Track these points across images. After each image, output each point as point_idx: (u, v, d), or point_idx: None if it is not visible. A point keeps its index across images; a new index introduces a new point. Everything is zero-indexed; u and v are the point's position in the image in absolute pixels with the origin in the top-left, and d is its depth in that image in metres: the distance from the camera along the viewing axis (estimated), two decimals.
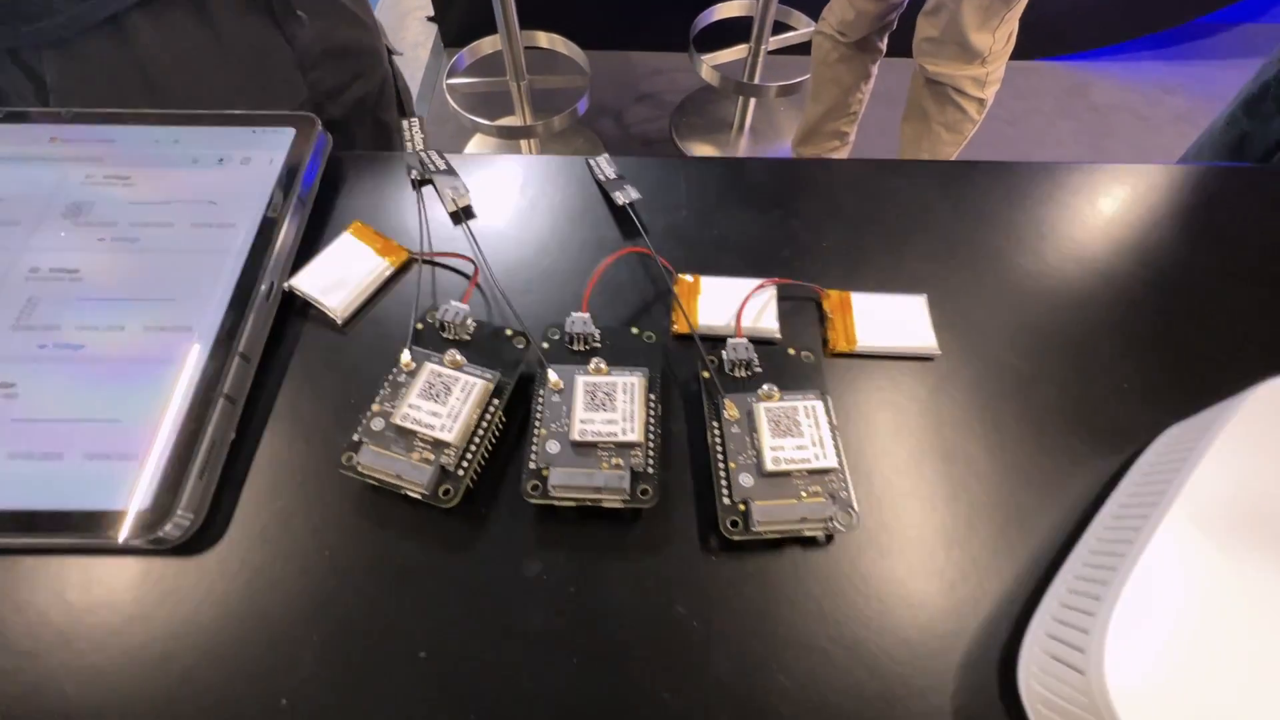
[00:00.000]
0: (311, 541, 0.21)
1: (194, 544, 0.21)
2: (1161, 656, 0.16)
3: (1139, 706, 0.15)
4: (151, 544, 0.20)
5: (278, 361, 0.25)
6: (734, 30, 1.52)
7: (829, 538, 0.21)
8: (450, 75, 1.41)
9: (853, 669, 0.19)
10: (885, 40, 1.08)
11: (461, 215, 0.29)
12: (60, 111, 0.29)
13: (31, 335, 0.23)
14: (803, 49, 1.51)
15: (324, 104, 0.43)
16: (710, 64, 1.49)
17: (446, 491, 0.20)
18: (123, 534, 0.20)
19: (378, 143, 0.49)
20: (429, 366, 0.22)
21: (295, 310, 0.26)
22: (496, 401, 0.22)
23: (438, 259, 0.27)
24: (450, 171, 0.29)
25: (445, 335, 0.24)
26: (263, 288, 0.25)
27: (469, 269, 0.27)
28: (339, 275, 0.26)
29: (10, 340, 0.23)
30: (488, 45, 1.46)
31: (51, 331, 0.23)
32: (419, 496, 0.20)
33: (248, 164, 0.28)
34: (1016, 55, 0.96)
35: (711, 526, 0.21)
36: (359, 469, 0.21)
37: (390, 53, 0.49)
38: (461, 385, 0.22)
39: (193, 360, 0.23)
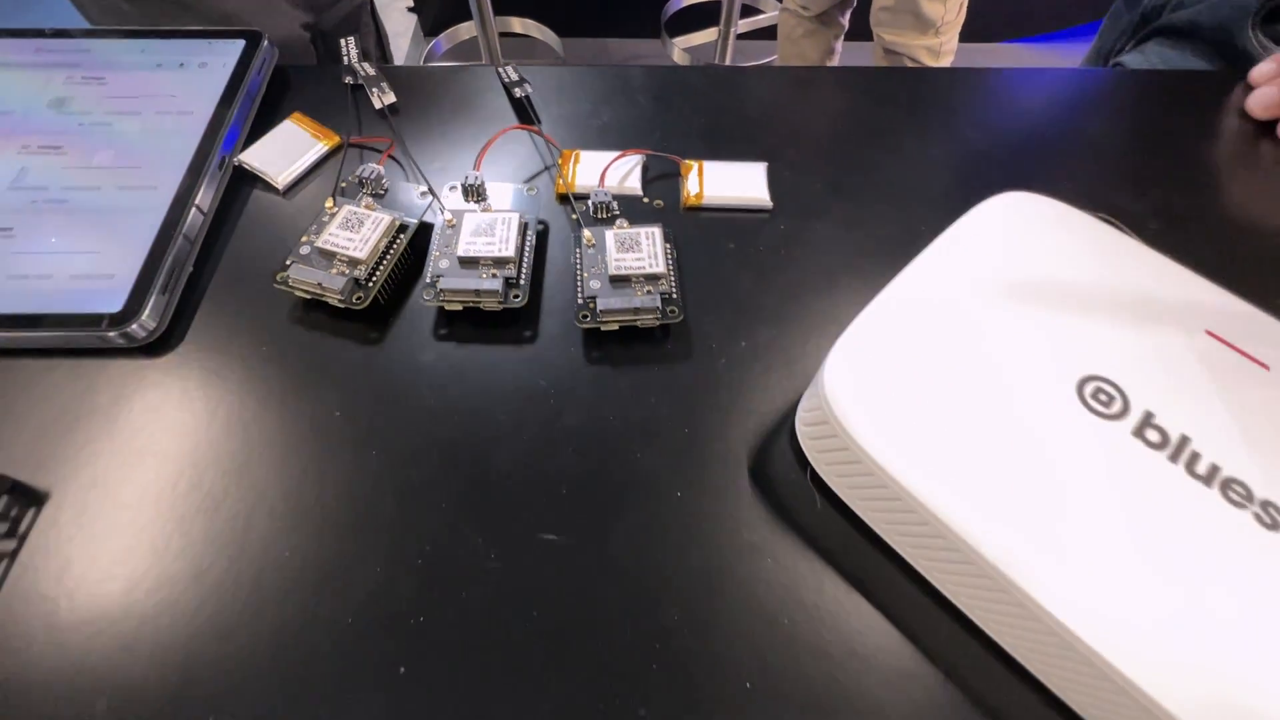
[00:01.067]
0: (252, 346, 0.26)
1: (158, 347, 0.26)
2: (871, 368, 0.21)
3: (850, 404, 0.21)
4: (123, 338, 0.25)
5: (230, 216, 0.30)
6: (703, 15, 1.58)
7: (665, 331, 0.27)
8: (428, 60, 1.46)
9: (675, 422, 0.25)
10: (847, 17, 1.13)
11: (387, 112, 0.34)
12: (43, 30, 0.34)
13: (25, 194, 0.29)
14: (770, 32, 1.57)
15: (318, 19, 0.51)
16: (681, 48, 1.54)
17: (358, 298, 0.26)
18: (101, 328, 0.25)
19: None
20: (347, 207, 0.28)
21: (245, 182, 0.31)
22: (402, 236, 0.28)
23: (364, 142, 0.33)
24: (379, 78, 0.35)
25: (365, 190, 0.29)
26: (215, 159, 0.30)
27: (382, 148, 0.32)
28: (280, 153, 0.31)
29: (7, 197, 0.28)
30: (465, 31, 1.51)
31: (41, 191, 0.29)
32: (337, 302, 0.26)
33: (204, 68, 0.33)
34: (980, 38, 1.02)
35: (572, 328, 0.27)
36: (290, 282, 0.26)
37: None
38: (372, 220, 0.27)
39: (157, 208, 0.28)
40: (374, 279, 0.26)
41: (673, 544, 0.22)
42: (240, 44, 0.34)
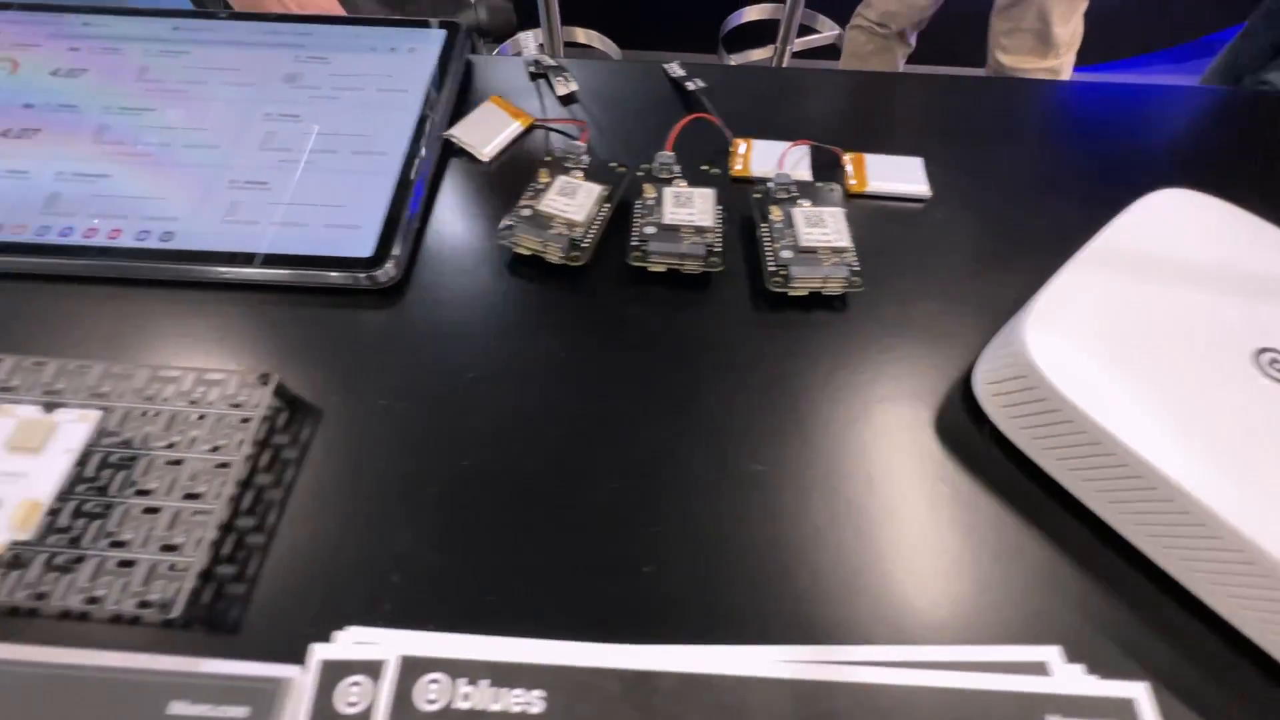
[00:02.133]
0: (472, 293, 0.30)
1: (394, 291, 0.30)
2: (1066, 333, 0.24)
3: (1053, 362, 0.23)
4: (370, 280, 0.29)
5: (444, 184, 0.34)
6: (761, 32, 1.62)
7: (843, 301, 0.30)
8: None
9: (857, 386, 0.28)
10: (915, 37, 1.15)
11: (569, 98, 0.38)
12: (268, 14, 0.39)
13: (273, 154, 0.33)
14: (825, 52, 1.60)
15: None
16: (737, 63, 1.58)
17: (575, 256, 0.29)
18: (357, 270, 0.29)
19: None
20: (562, 177, 0.31)
21: (450, 153, 0.35)
22: (608, 205, 0.31)
23: (553, 123, 0.36)
24: (560, 68, 0.38)
25: (567, 165, 0.33)
26: (431, 132, 0.34)
27: (573, 130, 0.36)
28: (484, 129, 0.35)
29: (259, 157, 0.32)
30: (530, 39, 1.57)
31: (286, 152, 0.33)
32: (557, 259, 0.29)
33: (413, 53, 0.37)
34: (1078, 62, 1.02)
35: (759, 293, 0.30)
36: (514, 239, 0.30)
37: None
38: (585, 189, 0.31)
39: (389, 171, 0.32)
40: (587, 240, 0.30)
41: (860, 482, 0.25)
42: (442, 33, 0.38)
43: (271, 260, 0.29)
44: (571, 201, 0.30)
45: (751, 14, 1.68)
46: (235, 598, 0.22)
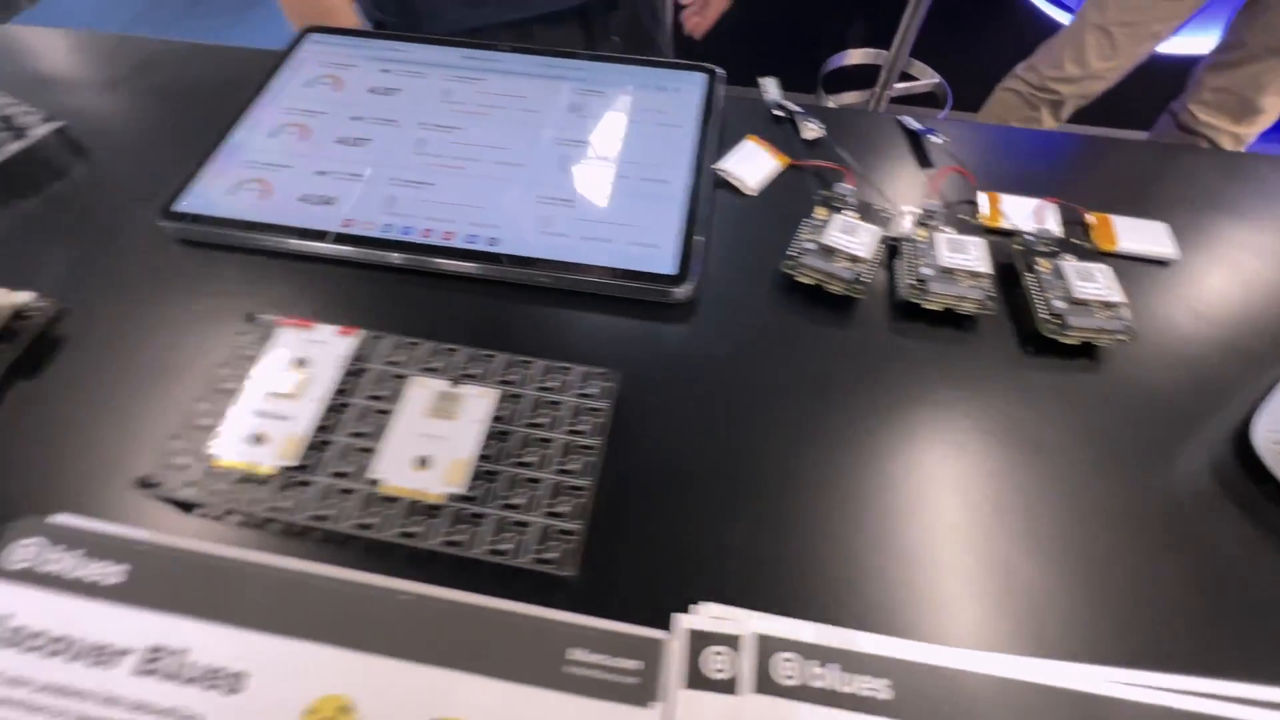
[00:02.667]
0: (751, 313, 0.33)
1: (685, 307, 0.33)
2: None
3: None
4: (671, 296, 0.32)
5: (715, 213, 0.37)
6: (858, 76, 1.65)
7: (1108, 352, 0.32)
8: None
9: (1120, 430, 0.29)
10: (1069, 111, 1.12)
11: (815, 142, 0.41)
12: (542, 49, 0.43)
13: (570, 176, 0.37)
14: (923, 99, 1.62)
15: None
16: (835, 104, 1.61)
17: (858, 289, 0.32)
18: (662, 285, 0.32)
19: None
20: (838, 216, 0.34)
21: (717, 186, 0.39)
22: (883, 244, 0.34)
23: (815, 165, 0.39)
24: (806, 114, 0.42)
25: (837, 204, 0.36)
26: (705, 165, 0.37)
27: (833, 173, 0.39)
28: (747, 165, 0.38)
29: (559, 177, 0.37)
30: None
31: (583, 174, 0.37)
32: (839, 291, 0.32)
33: (679, 92, 0.41)
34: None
35: (1027, 338, 0.32)
36: (799, 268, 0.33)
37: None
38: (864, 228, 0.34)
39: (676, 198, 0.36)
40: (868, 275, 0.33)
41: (1131, 516, 0.27)
42: (703, 76, 0.42)
43: (584, 269, 0.33)
44: (854, 239, 0.33)
45: (855, 57, 1.71)
46: (606, 565, 0.25)
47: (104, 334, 0.32)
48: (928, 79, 1.64)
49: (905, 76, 1.67)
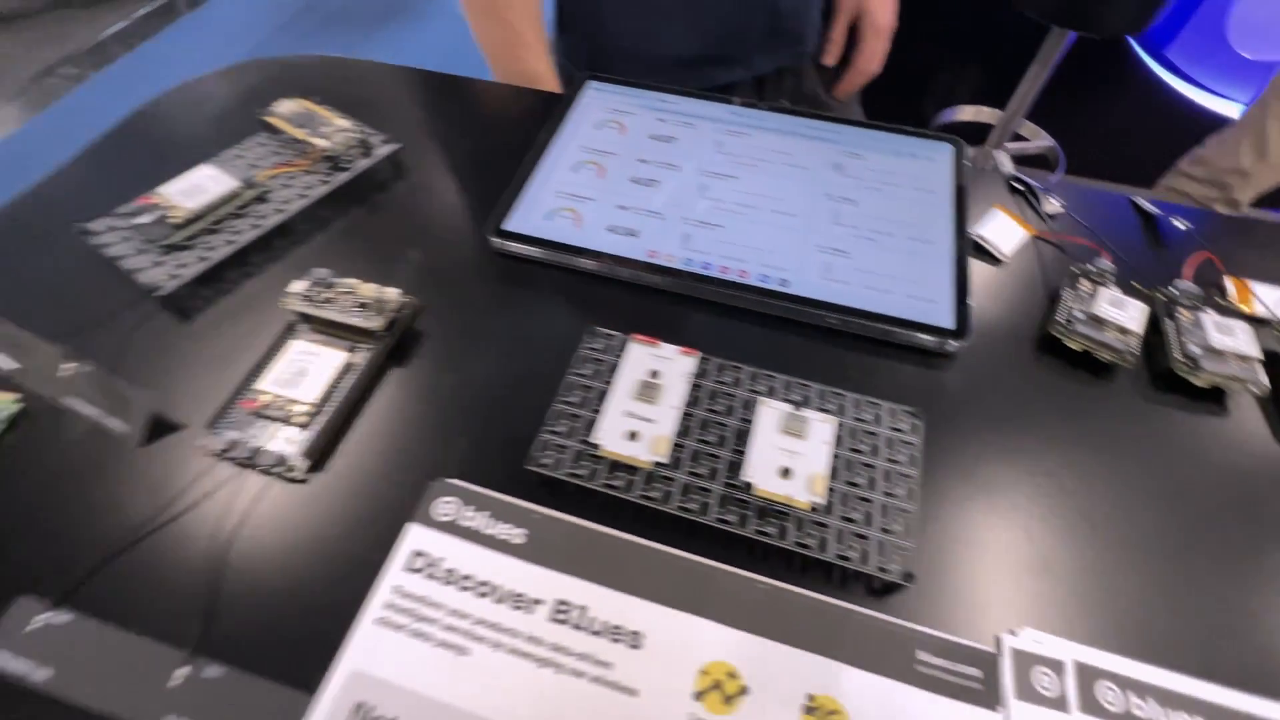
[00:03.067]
0: (1016, 370, 0.36)
1: (955, 360, 0.37)
2: None
3: None
4: (948, 347, 0.36)
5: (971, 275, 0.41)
6: (967, 131, 1.66)
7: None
8: None
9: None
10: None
11: (1054, 216, 0.44)
12: (799, 110, 0.48)
13: (843, 229, 0.41)
14: (1034, 160, 1.61)
15: None
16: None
17: (1127, 360, 0.35)
18: (942, 337, 0.36)
19: None
20: (1104, 289, 0.37)
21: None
22: (1149, 320, 0.37)
23: (1056, 238, 0.43)
24: (1044, 188, 0.45)
25: (1095, 277, 0.39)
26: (965, 228, 0.41)
27: (1078, 247, 0.42)
28: (999, 233, 0.42)
29: (833, 230, 0.41)
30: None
31: (854, 229, 0.41)
32: (1107, 359, 0.35)
33: (931, 161, 0.45)
34: None
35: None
36: (1069, 333, 0.36)
37: None
38: (1131, 304, 0.37)
39: (942, 257, 0.39)
40: (1137, 347, 0.35)
41: None
42: (950, 146, 0.46)
43: (870, 316, 0.37)
44: (1123, 313, 0.36)
45: (967, 114, 1.71)
46: (931, 579, 0.28)
47: (457, 330, 0.38)
48: (1039, 141, 1.63)
49: (1016, 136, 1.67)
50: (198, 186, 0.40)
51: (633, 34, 0.60)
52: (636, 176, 0.44)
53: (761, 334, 0.38)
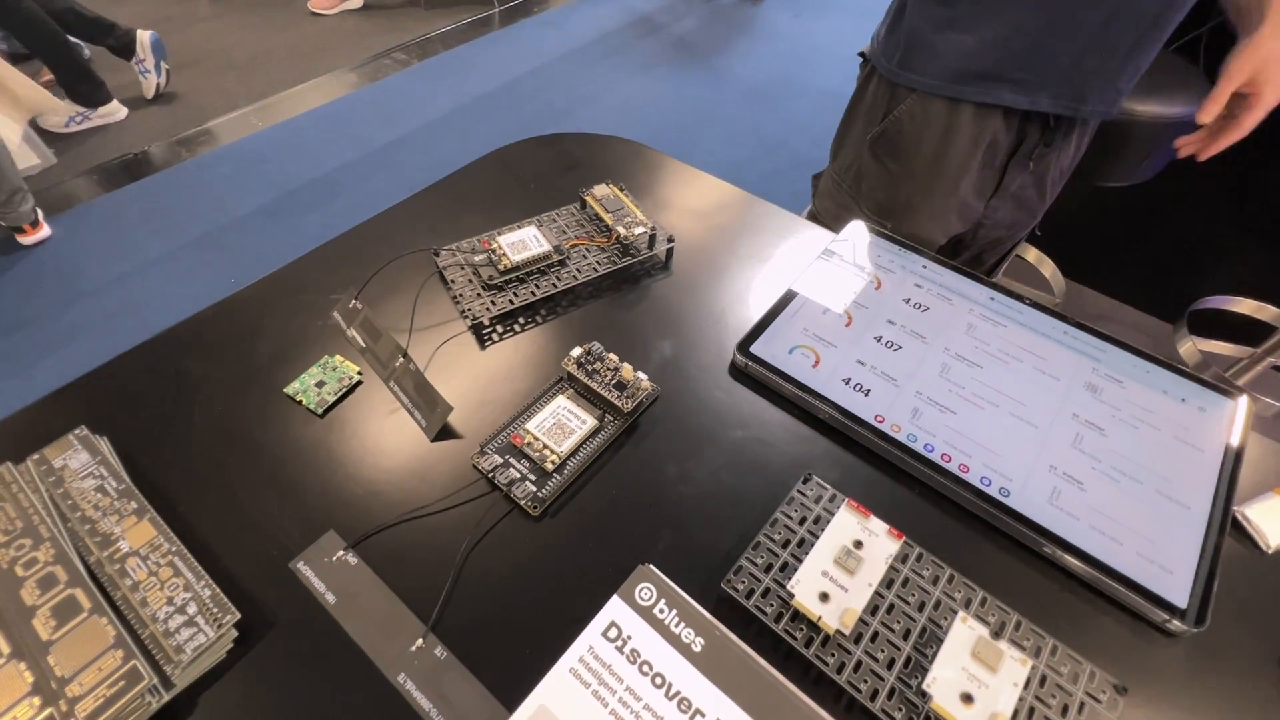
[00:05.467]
0: (1261, 680, 0.33)
1: (1178, 638, 0.34)
2: None
3: None
4: (1174, 628, 0.33)
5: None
6: (1235, 324, 1.44)
7: None
8: None
9: None
10: None
11: None
12: (1071, 317, 0.48)
13: (1084, 457, 0.40)
14: None
15: None
16: (1201, 349, 1.43)
17: None
18: (1165, 612, 0.34)
19: None
20: None
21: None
22: None
23: None
24: None
25: None
26: (1228, 503, 0.38)
27: None
28: (1272, 518, 0.38)
29: (1071, 454, 0.40)
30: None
31: (1096, 461, 0.40)
32: None
33: (1202, 411, 0.43)
34: None
35: None
36: None
37: None
38: None
39: (1195, 526, 0.37)
40: None
41: None
42: (1232, 402, 0.43)
43: (1089, 560, 0.36)
44: None
45: (1243, 306, 1.50)
46: None
47: (687, 427, 0.43)
48: None
49: None
50: (523, 242, 0.50)
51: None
52: (882, 336, 0.46)
53: (970, 536, 0.38)
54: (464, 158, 0.63)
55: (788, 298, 0.49)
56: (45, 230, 1.61)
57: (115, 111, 1.98)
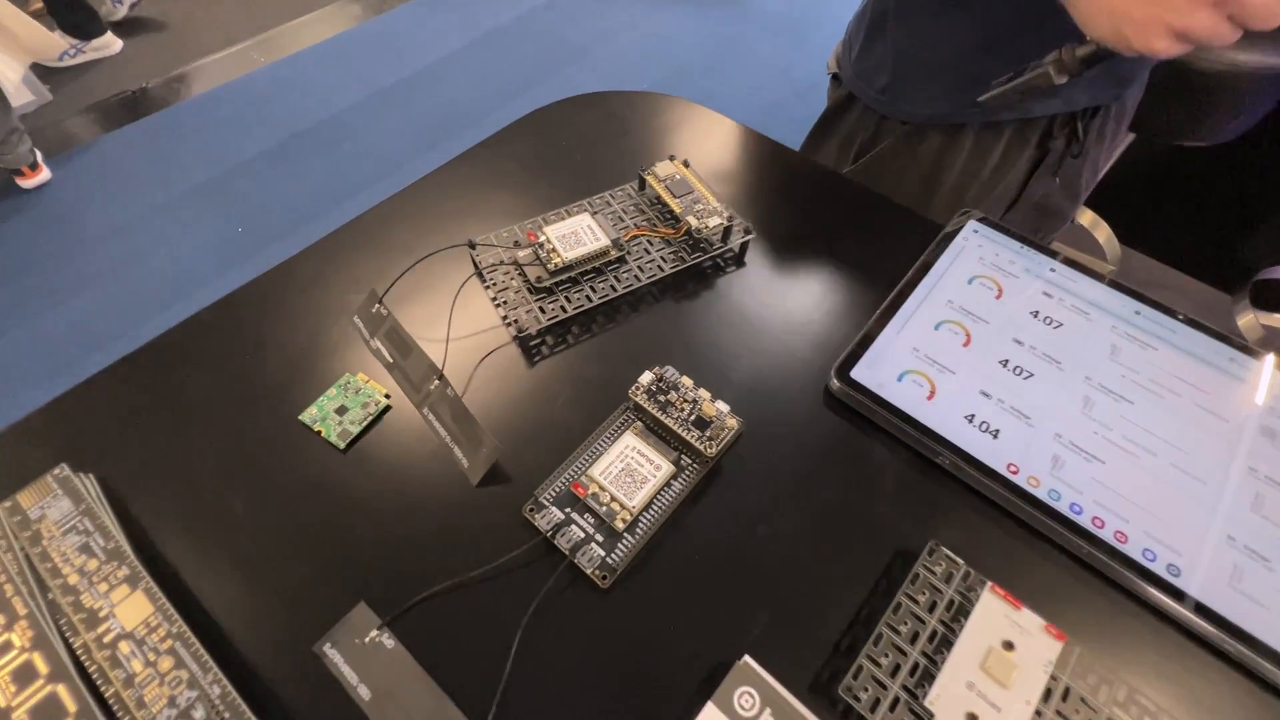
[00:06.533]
0: None
1: None
2: None
3: None
4: None
5: None
6: None
7: None
8: None
9: None
10: None
11: None
12: (1229, 334, 0.40)
13: (1268, 525, 0.33)
14: None
15: None
16: (1260, 321, 1.34)
17: None
18: None
19: None
20: None
21: None
22: None
23: None
24: None
25: None
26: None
27: None
28: None
29: (1252, 520, 0.33)
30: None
31: (1277, 528, 0.33)
32: None
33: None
34: None
35: None
36: None
37: None
38: None
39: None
40: None
41: None
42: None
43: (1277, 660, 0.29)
44: None
45: None
46: None
47: (777, 471, 0.36)
48: None
49: None
50: (576, 236, 0.41)
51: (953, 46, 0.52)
52: (1007, 360, 0.39)
53: (1147, 631, 0.31)
54: (476, 100, 0.57)
55: (892, 307, 0.41)
56: (45, 173, 1.53)
57: (110, 44, 1.85)
